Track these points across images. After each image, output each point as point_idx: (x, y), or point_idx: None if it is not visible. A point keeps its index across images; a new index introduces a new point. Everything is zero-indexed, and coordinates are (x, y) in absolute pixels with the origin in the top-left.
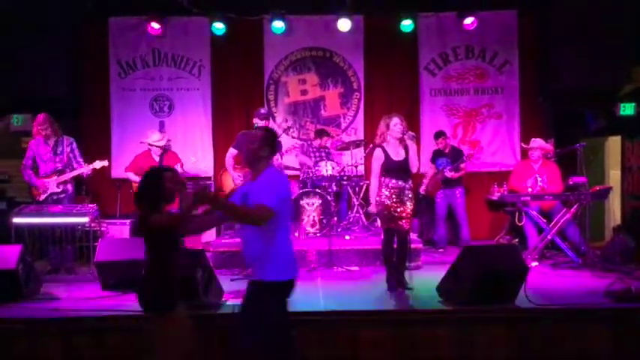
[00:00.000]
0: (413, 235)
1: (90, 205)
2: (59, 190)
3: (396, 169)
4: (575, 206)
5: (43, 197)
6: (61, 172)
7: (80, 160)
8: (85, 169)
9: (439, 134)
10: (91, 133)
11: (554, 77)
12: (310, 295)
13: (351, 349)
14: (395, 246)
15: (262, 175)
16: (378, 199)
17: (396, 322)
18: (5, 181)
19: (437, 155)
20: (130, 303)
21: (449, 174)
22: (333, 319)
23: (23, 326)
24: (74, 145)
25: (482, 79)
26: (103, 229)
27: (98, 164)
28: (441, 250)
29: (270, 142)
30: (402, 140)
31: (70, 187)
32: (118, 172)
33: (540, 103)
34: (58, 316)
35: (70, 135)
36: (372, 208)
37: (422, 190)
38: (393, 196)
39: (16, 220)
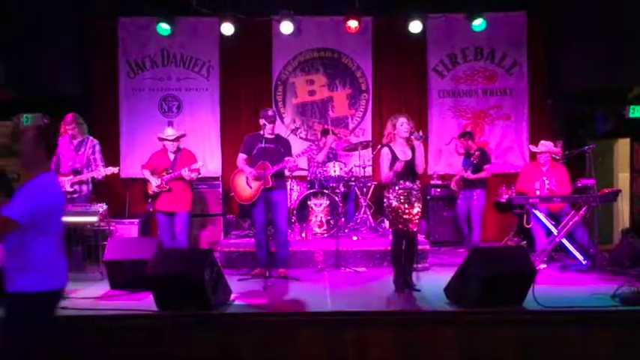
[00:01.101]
0: (420, 237)
1: (99, 205)
2: (72, 190)
3: (402, 169)
4: (583, 209)
5: None
6: (77, 173)
7: (100, 163)
8: (97, 174)
9: (461, 135)
10: (100, 132)
11: (563, 79)
12: (317, 296)
13: (357, 349)
14: (402, 247)
15: (31, 182)
16: (386, 201)
17: (403, 324)
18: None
19: (465, 156)
20: (138, 301)
21: (465, 174)
22: (340, 319)
23: None
24: (97, 147)
25: (491, 81)
26: (111, 228)
27: (109, 170)
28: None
29: (44, 142)
30: (408, 140)
31: (85, 188)
32: (126, 172)
33: (550, 105)
34: (67, 315)
35: None
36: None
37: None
38: (402, 197)
39: None
